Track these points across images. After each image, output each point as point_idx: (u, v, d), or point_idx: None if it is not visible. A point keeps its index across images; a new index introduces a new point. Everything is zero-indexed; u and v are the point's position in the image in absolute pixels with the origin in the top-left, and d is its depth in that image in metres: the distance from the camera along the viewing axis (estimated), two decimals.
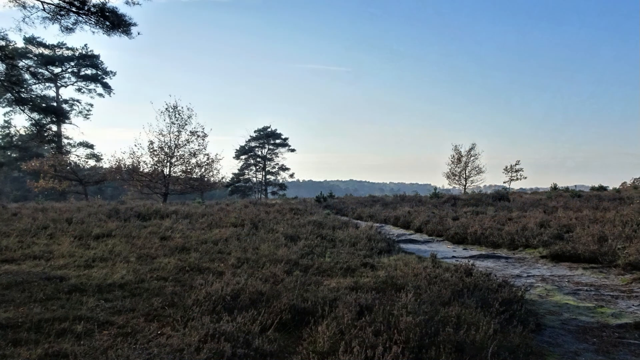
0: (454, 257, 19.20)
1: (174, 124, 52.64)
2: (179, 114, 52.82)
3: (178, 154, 52.96)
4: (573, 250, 18.12)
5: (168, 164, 52.59)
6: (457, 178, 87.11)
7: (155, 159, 52.23)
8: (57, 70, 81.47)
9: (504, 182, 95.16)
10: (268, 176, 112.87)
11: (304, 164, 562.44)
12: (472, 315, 8.57)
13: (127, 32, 22.59)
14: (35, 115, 34.35)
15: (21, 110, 31.86)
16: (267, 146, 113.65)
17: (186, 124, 53.18)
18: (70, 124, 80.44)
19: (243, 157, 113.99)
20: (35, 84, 68.37)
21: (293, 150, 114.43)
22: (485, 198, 50.53)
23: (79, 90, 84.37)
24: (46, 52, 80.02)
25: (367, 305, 9.01)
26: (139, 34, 22.93)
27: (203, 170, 55.21)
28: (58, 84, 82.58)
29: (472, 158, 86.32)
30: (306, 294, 10.06)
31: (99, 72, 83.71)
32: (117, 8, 22.46)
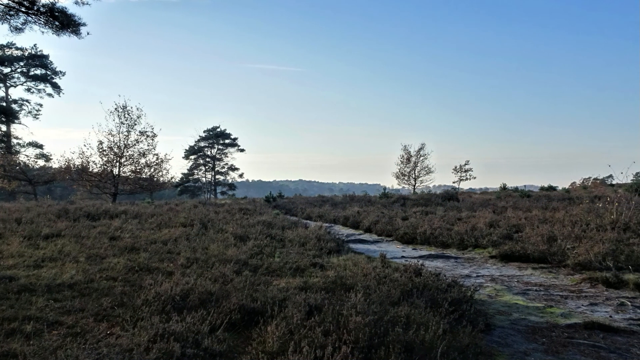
0: (403, 257, 19.32)
1: (123, 124, 52.34)
2: (128, 114, 52.53)
3: (127, 154, 52.66)
4: (522, 250, 18.31)
5: (117, 164, 52.25)
6: (406, 178, 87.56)
7: (105, 159, 51.87)
8: (6, 70, 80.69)
9: (454, 182, 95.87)
10: (217, 176, 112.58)
11: (254, 164, 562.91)
12: (421, 315, 8.65)
13: (76, 32, 22.45)
14: None
15: None
16: (216, 146, 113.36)
17: (135, 124, 52.90)
18: (20, 124, 79.99)
19: (192, 157, 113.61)
20: None
21: (242, 150, 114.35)
22: (435, 198, 50.85)
23: (28, 90, 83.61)
24: None
25: (316, 305, 9.07)
26: (88, 33, 22.79)
27: (152, 170, 54.95)
28: (7, 84, 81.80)
29: (421, 158, 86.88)
30: (255, 294, 10.10)
31: (48, 72, 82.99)
32: (66, 8, 22.31)
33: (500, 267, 17.33)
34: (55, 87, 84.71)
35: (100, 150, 51.54)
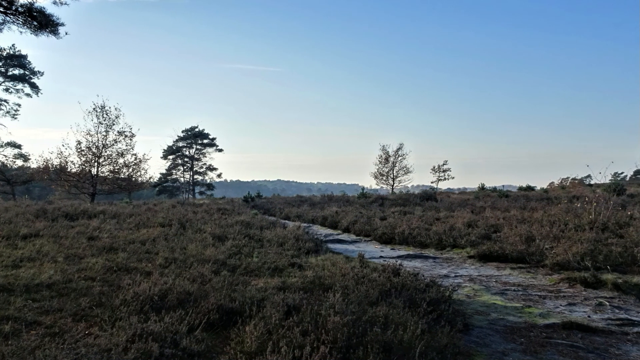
0: (381, 257, 19.36)
1: (102, 124, 52.29)
2: (106, 114, 52.49)
3: (105, 154, 52.59)
4: (501, 250, 18.39)
5: (96, 164, 52.16)
6: (384, 178, 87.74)
7: (83, 159, 51.78)
8: None
9: (432, 182, 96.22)
10: (196, 176, 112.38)
11: (232, 164, 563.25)
12: (399, 315, 8.68)
13: (54, 32, 22.41)
14: None
15: None
16: (194, 146, 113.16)
17: (114, 124, 52.86)
18: None
19: (171, 157, 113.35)
20: None
21: (221, 150, 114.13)
22: (413, 198, 50.93)
23: (6, 90, 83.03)
24: None
25: (294, 305, 9.09)
26: (67, 34, 22.74)
27: (131, 170, 54.91)
28: None
29: (399, 158, 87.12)
30: (234, 294, 10.11)
31: (26, 72, 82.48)
32: (44, 8, 22.26)
33: (478, 267, 17.39)
34: (34, 87, 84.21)
35: (79, 150, 51.44)
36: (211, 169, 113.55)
